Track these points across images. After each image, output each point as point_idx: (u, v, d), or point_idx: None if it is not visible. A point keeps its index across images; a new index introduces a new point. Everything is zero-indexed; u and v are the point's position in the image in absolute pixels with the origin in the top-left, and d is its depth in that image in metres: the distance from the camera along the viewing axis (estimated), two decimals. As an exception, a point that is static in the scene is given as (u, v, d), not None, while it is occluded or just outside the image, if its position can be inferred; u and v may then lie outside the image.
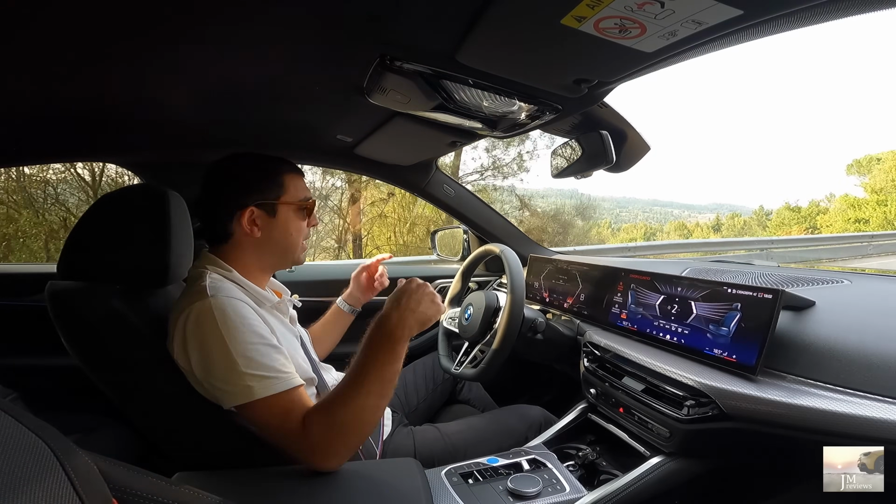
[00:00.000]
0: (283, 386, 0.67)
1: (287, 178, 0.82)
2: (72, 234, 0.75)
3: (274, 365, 0.68)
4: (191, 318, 0.69)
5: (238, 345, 0.66)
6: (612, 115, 0.97)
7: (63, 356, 0.75)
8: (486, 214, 1.57)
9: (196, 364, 0.68)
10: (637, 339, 0.91)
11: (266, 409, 0.66)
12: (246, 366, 0.66)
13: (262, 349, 0.68)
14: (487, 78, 0.72)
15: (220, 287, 0.72)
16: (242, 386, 0.65)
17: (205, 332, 0.67)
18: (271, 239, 0.81)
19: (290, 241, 0.83)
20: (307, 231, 0.86)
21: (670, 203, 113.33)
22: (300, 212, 0.83)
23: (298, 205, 0.82)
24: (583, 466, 0.85)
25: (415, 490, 0.67)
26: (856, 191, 22.60)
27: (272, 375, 0.67)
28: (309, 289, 1.42)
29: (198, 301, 0.69)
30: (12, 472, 0.27)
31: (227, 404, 0.68)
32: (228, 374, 0.66)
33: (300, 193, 0.83)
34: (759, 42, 0.54)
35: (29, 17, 0.54)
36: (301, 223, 0.84)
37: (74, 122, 0.97)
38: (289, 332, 0.83)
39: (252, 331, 0.69)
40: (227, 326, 0.67)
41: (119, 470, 0.37)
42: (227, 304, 0.69)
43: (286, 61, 0.72)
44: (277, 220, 0.80)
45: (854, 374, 0.60)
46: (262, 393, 0.65)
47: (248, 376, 0.65)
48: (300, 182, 0.84)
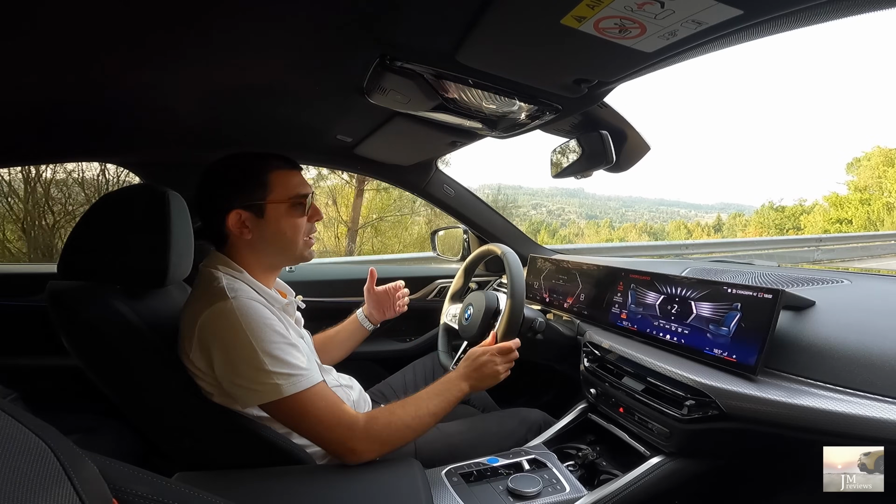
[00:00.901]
0: (309, 383, 0.70)
1: (274, 175, 0.79)
2: (72, 234, 0.75)
3: (298, 363, 0.70)
4: (212, 318, 0.69)
5: (264, 344, 0.68)
6: (612, 115, 0.97)
7: (63, 356, 0.75)
8: (486, 214, 1.57)
9: (219, 365, 0.68)
10: (637, 339, 0.91)
11: (301, 404, 0.69)
12: (273, 364, 0.67)
13: (286, 348, 0.70)
14: (487, 78, 0.72)
15: (238, 288, 0.73)
16: (270, 384, 0.67)
17: (229, 333, 0.68)
18: (264, 239, 0.79)
19: (284, 240, 0.80)
20: (308, 227, 0.83)
21: (676, 202, 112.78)
22: (294, 208, 0.80)
23: (290, 202, 0.79)
24: (583, 466, 0.85)
25: (415, 489, 0.67)
26: (842, 189, 21.10)
27: (298, 373, 0.69)
28: (310, 289, 1.42)
29: (219, 301, 0.69)
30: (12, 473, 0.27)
31: (254, 402, 0.69)
32: (256, 374, 0.67)
33: (291, 190, 0.80)
34: (763, 40, 0.54)
35: (29, 18, 0.54)
36: (295, 220, 0.80)
37: (74, 122, 0.97)
38: (295, 333, 0.83)
39: (275, 330, 0.70)
40: (252, 327, 0.68)
41: (119, 470, 0.37)
42: (248, 306, 0.70)
43: (286, 61, 0.72)
44: (267, 221, 0.78)
45: (854, 373, 0.60)
46: (290, 390, 0.68)
47: (276, 374, 0.67)
48: (292, 178, 0.81)
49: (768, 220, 22.88)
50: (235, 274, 0.77)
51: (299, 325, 0.90)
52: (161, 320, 0.76)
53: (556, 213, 48.86)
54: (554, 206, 50.27)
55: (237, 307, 0.69)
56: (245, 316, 0.68)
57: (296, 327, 0.86)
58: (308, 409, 0.69)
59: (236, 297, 0.70)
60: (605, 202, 55.30)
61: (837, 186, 27.86)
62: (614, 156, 0.98)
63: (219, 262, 0.78)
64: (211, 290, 0.72)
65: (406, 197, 8.66)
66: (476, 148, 9.32)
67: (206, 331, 0.69)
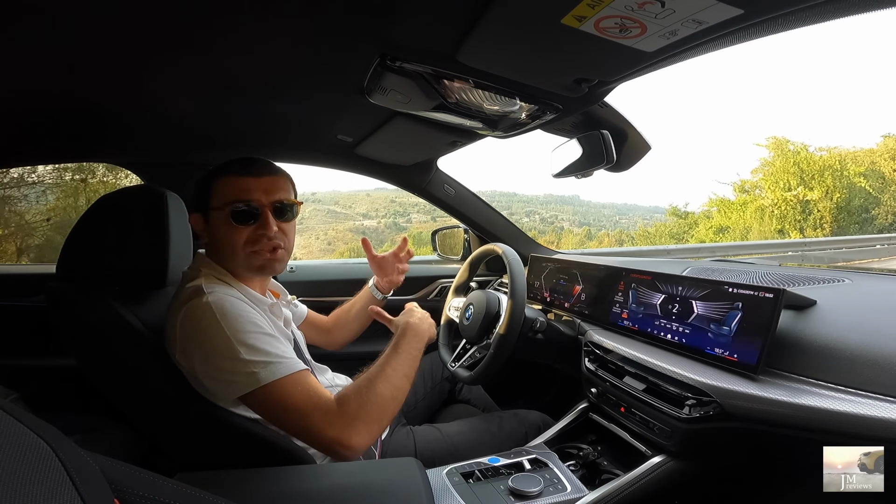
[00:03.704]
0: (288, 370, 0.68)
1: (219, 181, 0.78)
2: (70, 235, 0.75)
3: (275, 351, 0.69)
4: (188, 314, 0.69)
5: (239, 334, 0.67)
6: (613, 115, 0.97)
7: (64, 357, 0.75)
8: (487, 214, 1.57)
9: (198, 360, 0.68)
10: (638, 338, 0.91)
11: (278, 393, 0.67)
12: (249, 353, 0.66)
13: (262, 337, 0.69)
14: (488, 78, 0.72)
15: (217, 287, 0.73)
16: (247, 373, 0.66)
17: (204, 327, 0.68)
18: (212, 246, 0.81)
19: (225, 248, 0.78)
20: (257, 236, 0.77)
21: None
22: (233, 217, 0.76)
23: (227, 209, 0.76)
24: (584, 466, 0.85)
25: (416, 489, 0.67)
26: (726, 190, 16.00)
27: (275, 360, 0.68)
28: (310, 289, 1.42)
29: (195, 298, 0.70)
30: (14, 474, 0.27)
31: (234, 395, 0.68)
32: (232, 364, 0.66)
33: (230, 197, 0.76)
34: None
35: (29, 17, 0.54)
36: (231, 229, 0.76)
37: (74, 122, 0.97)
38: (280, 335, 0.83)
39: (250, 320, 0.70)
40: (227, 318, 0.68)
41: (120, 470, 0.37)
42: (224, 299, 0.70)
43: (287, 61, 0.72)
44: (210, 226, 0.80)
45: (855, 373, 0.60)
46: (267, 378, 0.66)
47: (252, 363, 0.66)
48: (237, 184, 0.77)
49: (661, 230, 17.18)
50: (217, 275, 0.77)
51: (289, 326, 0.89)
52: (160, 322, 0.76)
53: (550, 220, 48.65)
54: (548, 214, 50.03)
55: (213, 301, 0.69)
56: (220, 309, 0.68)
57: (283, 328, 0.84)
58: (286, 397, 0.67)
59: (213, 293, 0.70)
60: (599, 209, 54.96)
61: (723, 187, 23.39)
62: (615, 155, 0.98)
63: (202, 265, 0.78)
64: (188, 289, 0.73)
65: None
66: (472, 153, 8.91)
67: (185, 329, 0.69)
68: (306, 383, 0.69)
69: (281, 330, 0.84)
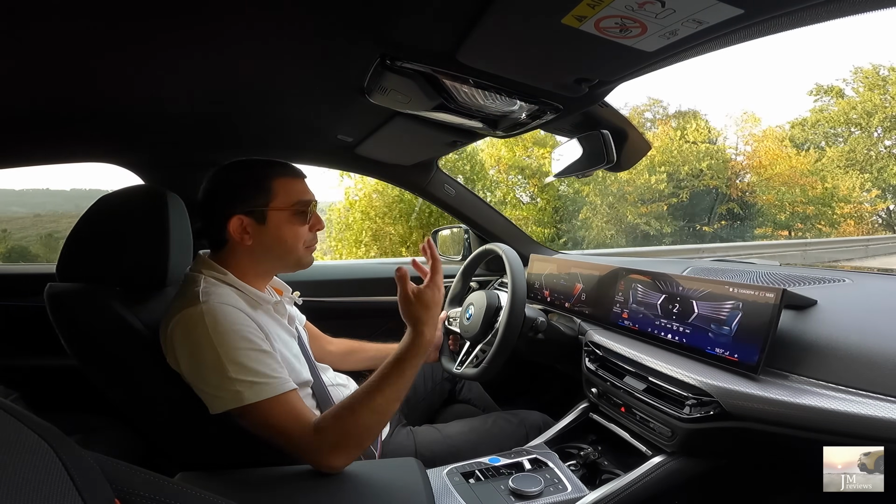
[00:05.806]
0: (274, 391, 0.67)
1: (277, 182, 0.79)
2: (71, 235, 0.75)
3: (264, 370, 0.68)
4: (181, 323, 0.69)
5: (228, 350, 0.67)
6: (613, 115, 0.97)
7: (64, 357, 0.75)
8: (488, 214, 1.57)
9: (186, 369, 0.69)
10: (639, 338, 0.91)
11: (261, 413, 0.67)
12: (236, 372, 0.66)
13: (253, 354, 0.68)
14: (488, 77, 0.72)
15: (213, 292, 0.72)
16: (233, 391, 0.66)
17: (195, 338, 0.67)
18: (263, 245, 0.79)
19: (284, 247, 0.80)
20: (310, 236, 0.83)
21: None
22: (296, 216, 0.80)
23: (292, 209, 0.79)
24: (584, 466, 0.85)
25: (416, 489, 0.67)
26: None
27: (261, 381, 0.67)
28: (310, 289, 1.42)
29: (189, 307, 0.69)
30: (14, 473, 0.27)
31: (218, 409, 0.67)
32: (219, 380, 0.66)
33: (293, 197, 0.80)
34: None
35: (29, 17, 0.54)
36: (296, 228, 0.80)
37: (74, 123, 0.97)
38: (285, 333, 0.83)
39: (242, 336, 0.69)
40: (218, 332, 0.67)
41: (121, 470, 0.37)
42: (218, 310, 0.69)
43: (287, 61, 0.72)
44: (268, 227, 0.78)
45: (856, 373, 0.60)
46: (252, 398, 0.66)
47: (238, 382, 0.66)
48: (295, 185, 0.81)
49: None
50: (219, 277, 0.77)
51: (293, 324, 0.89)
52: (160, 322, 0.76)
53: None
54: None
55: (206, 311, 0.68)
56: (213, 321, 0.68)
57: (286, 326, 0.84)
58: (270, 419, 0.67)
59: (207, 302, 0.69)
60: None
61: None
62: (615, 155, 0.98)
63: (203, 267, 0.78)
64: (186, 295, 0.72)
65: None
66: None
67: (176, 336, 0.69)
68: (290, 406, 0.69)
69: (285, 328, 0.84)
